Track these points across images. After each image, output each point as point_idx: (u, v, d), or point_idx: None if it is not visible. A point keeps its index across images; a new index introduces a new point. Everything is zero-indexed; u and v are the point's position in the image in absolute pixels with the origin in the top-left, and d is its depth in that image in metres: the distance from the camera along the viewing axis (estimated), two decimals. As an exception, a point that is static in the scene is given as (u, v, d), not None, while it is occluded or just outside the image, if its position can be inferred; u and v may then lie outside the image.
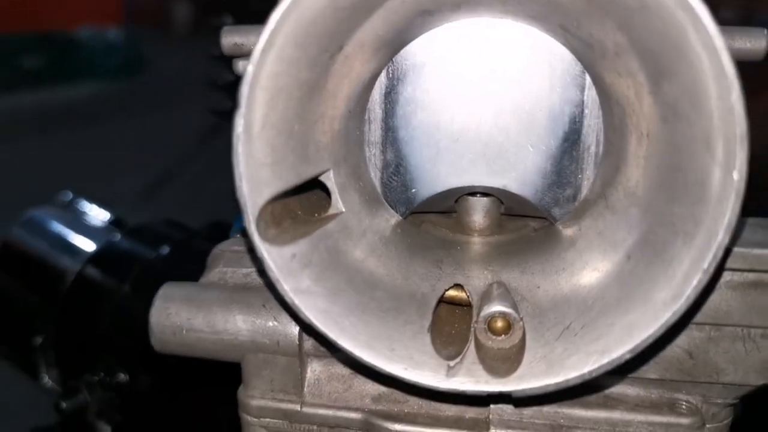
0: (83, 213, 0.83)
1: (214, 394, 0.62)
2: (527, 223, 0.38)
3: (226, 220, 0.78)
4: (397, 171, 0.36)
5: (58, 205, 0.86)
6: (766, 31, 0.32)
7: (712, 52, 0.23)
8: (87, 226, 0.78)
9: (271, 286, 0.29)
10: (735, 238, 0.27)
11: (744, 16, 6.38)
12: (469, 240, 0.38)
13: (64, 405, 0.56)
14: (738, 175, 0.24)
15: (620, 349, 0.27)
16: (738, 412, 0.35)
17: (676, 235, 0.26)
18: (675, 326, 0.26)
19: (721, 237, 0.25)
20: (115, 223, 0.80)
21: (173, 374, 0.61)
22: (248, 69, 0.26)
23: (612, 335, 0.27)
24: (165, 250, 0.66)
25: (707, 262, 0.25)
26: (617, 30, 0.27)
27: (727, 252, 0.29)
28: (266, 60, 0.26)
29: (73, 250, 0.73)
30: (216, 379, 0.58)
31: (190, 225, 0.74)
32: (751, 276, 0.30)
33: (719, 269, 0.27)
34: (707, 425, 0.33)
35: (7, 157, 4.34)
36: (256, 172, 0.28)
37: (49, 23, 6.12)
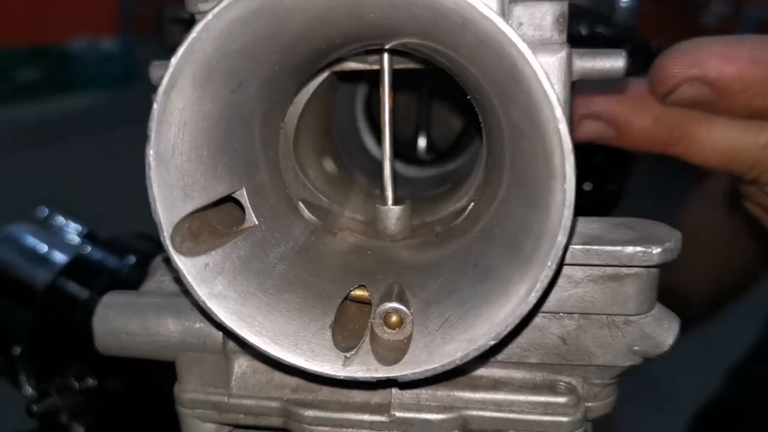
0: (58, 227, 0.87)
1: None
2: (434, 228, 0.42)
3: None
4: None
5: (34, 220, 0.90)
6: (623, 52, 0.36)
7: (538, 80, 0.28)
8: (60, 240, 0.82)
9: (186, 292, 0.33)
10: (572, 236, 0.31)
11: (733, 9, 6.41)
12: (382, 245, 0.42)
13: (35, 408, 0.61)
14: (569, 186, 0.28)
15: (485, 338, 0.31)
16: (620, 390, 0.39)
17: (529, 237, 0.31)
18: (528, 315, 0.30)
19: (560, 239, 0.29)
20: (88, 236, 0.85)
21: (142, 376, 0.65)
22: (154, 106, 0.30)
23: (479, 326, 0.32)
24: (131, 260, 0.70)
25: (551, 260, 0.29)
26: (469, 64, 0.31)
27: (588, 249, 0.33)
28: (169, 98, 0.30)
29: (45, 262, 0.77)
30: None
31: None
32: (609, 270, 0.34)
33: (560, 266, 0.31)
34: (590, 403, 0.37)
35: (3, 168, 4.39)
36: (169, 195, 0.32)
37: (44, 36, 6.16)
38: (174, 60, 0.30)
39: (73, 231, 0.85)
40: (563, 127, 0.28)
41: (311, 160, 0.45)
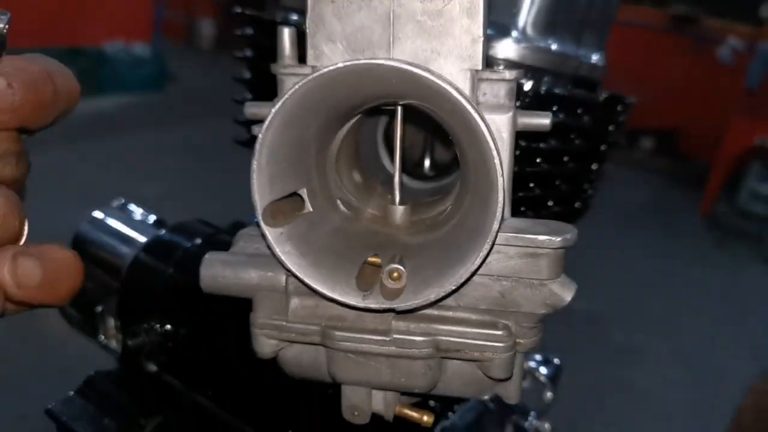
0: (133, 213, 1.09)
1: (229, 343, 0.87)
2: (426, 222, 0.63)
3: (242, 220, 1.04)
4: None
5: (112, 208, 1.11)
6: (550, 114, 0.56)
7: (484, 135, 0.48)
8: (138, 224, 1.04)
9: (270, 249, 0.54)
10: (501, 226, 0.52)
11: (747, 44, 6.56)
12: (391, 231, 0.63)
13: (129, 343, 0.81)
14: (500, 196, 0.49)
15: (449, 286, 0.52)
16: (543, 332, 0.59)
17: (479, 226, 0.51)
18: (471, 275, 0.51)
19: (495, 226, 0.50)
20: (158, 222, 1.06)
21: (204, 327, 0.86)
22: (258, 137, 0.51)
23: (447, 280, 0.52)
24: (198, 241, 0.91)
25: (489, 239, 0.50)
26: (449, 119, 0.52)
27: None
28: (267, 132, 0.51)
29: (128, 241, 0.99)
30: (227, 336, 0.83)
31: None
32: (529, 250, 0.54)
33: (493, 244, 0.51)
34: (520, 340, 0.58)
35: (40, 163, 4.64)
36: (261, 190, 0.53)
37: (80, 39, 6.43)
38: (273, 109, 0.51)
39: (145, 217, 1.07)
40: (497, 161, 0.48)
41: (345, 172, 0.66)
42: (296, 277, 0.54)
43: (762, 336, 4.03)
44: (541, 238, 0.53)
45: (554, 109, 0.78)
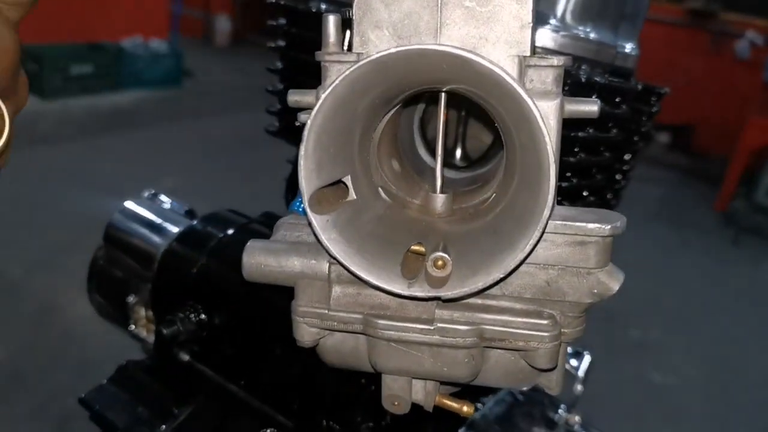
0: (164, 204, 1.09)
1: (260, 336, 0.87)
2: (467, 211, 0.63)
3: (273, 211, 1.04)
4: (389, 176, 0.61)
5: (143, 198, 1.12)
6: (598, 101, 0.56)
7: (536, 119, 0.48)
8: (169, 214, 1.04)
9: (315, 235, 0.54)
10: (551, 214, 0.51)
11: (766, 38, 6.48)
12: (431, 219, 0.62)
13: (164, 331, 0.82)
14: (551, 182, 0.48)
15: (497, 273, 0.51)
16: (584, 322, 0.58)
17: (527, 213, 0.51)
18: (520, 263, 0.51)
19: (546, 213, 0.49)
20: (189, 213, 1.07)
21: (238, 316, 0.86)
22: (307, 123, 0.51)
23: (494, 266, 0.52)
24: (231, 231, 0.92)
25: (539, 225, 0.50)
26: (498, 105, 0.51)
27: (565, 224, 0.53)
28: (315, 118, 0.51)
29: (161, 231, 0.99)
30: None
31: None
32: (578, 238, 0.54)
33: (543, 231, 0.51)
34: (565, 330, 0.57)
35: (59, 157, 4.68)
36: (309, 176, 0.53)
37: (99, 34, 6.47)
38: (323, 94, 0.50)
39: (176, 208, 1.07)
40: (550, 147, 0.48)
41: (385, 160, 0.66)
42: (342, 264, 0.54)
43: (780, 333, 3.99)
44: (591, 226, 0.53)
45: (593, 97, 0.78)
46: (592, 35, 0.79)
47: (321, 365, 0.66)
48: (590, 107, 0.56)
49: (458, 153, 0.87)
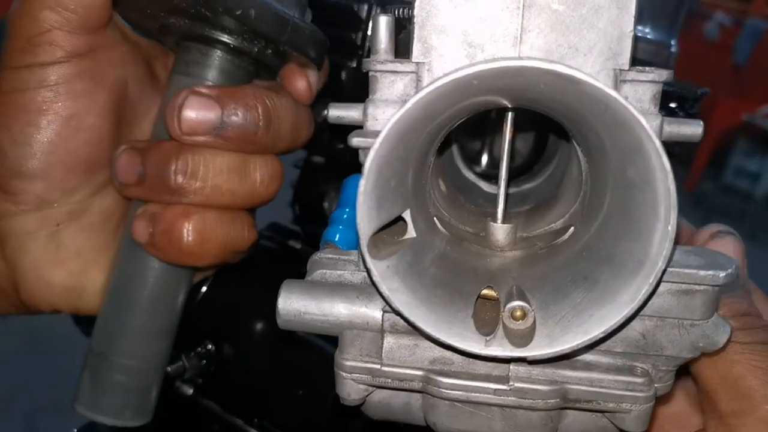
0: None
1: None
2: (535, 242, 0.54)
3: (280, 222, 0.94)
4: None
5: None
6: (701, 122, 0.48)
7: (658, 154, 0.39)
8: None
9: (374, 286, 0.45)
10: (668, 264, 0.43)
11: (736, 19, 6.52)
12: (494, 254, 0.54)
13: (169, 369, 0.72)
14: (671, 228, 0.40)
15: (596, 332, 0.43)
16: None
17: (632, 260, 0.43)
18: (629, 319, 0.42)
19: (660, 265, 0.41)
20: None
21: (248, 347, 0.77)
22: (370, 153, 0.42)
23: (591, 323, 0.43)
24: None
25: (652, 279, 0.41)
26: (601, 133, 0.43)
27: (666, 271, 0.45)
28: (380, 150, 0.42)
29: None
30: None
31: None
32: (683, 286, 0.46)
33: (658, 284, 0.43)
34: (656, 384, 0.49)
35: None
36: (369, 215, 0.43)
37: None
38: (392, 120, 0.41)
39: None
40: (672, 186, 0.39)
41: (435, 182, 0.57)
42: (407, 320, 0.45)
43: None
44: (702, 273, 0.45)
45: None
46: (650, 35, 0.71)
47: (349, 409, 0.57)
48: (694, 129, 0.47)
49: (484, 160, 0.78)
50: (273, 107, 0.62)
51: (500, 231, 0.54)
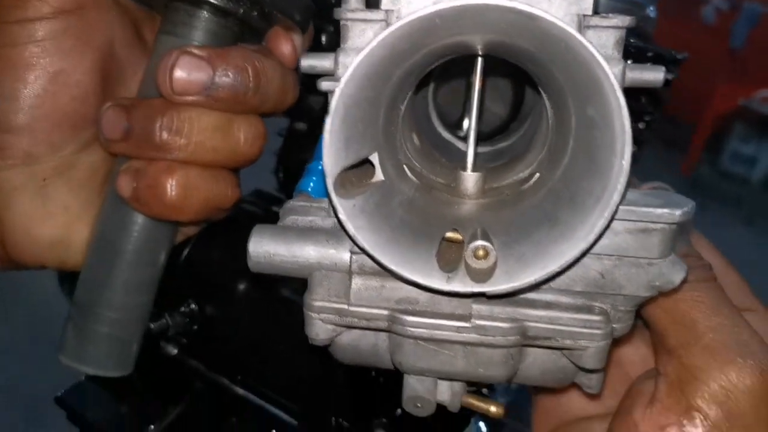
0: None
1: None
2: (504, 191, 0.56)
3: (264, 188, 0.96)
4: (415, 152, 0.53)
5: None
6: (663, 68, 0.49)
7: (614, 92, 0.41)
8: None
9: (341, 224, 0.47)
10: (623, 200, 0.44)
11: (733, 3, 6.51)
12: (462, 201, 0.55)
13: (152, 326, 0.74)
14: (626, 163, 0.42)
15: (553, 267, 0.45)
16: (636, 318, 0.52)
17: (590, 197, 0.44)
18: (584, 253, 0.44)
19: (615, 198, 0.42)
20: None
21: (230, 310, 0.78)
22: (336, 92, 0.43)
23: (549, 259, 0.45)
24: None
25: (607, 213, 0.43)
26: (559, 74, 0.44)
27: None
28: (346, 88, 0.43)
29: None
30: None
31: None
32: (640, 224, 0.47)
33: (613, 218, 0.44)
34: (616, 325, 0.51)
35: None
36: (335, 155, 0.45)
37: None
38: (357, 58, 0.42)
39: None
40: (627, 121, 0.41)
41: (408, 134, 0.58)
42: (371, 257, 0.47)
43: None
44: (658, 211, 0.46)
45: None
46: (624, -4, 0.72)
47: (329, 359, 0.59)
48: (655, 75, 0.49)
49: (462, 122, 0.80)
50: (262, 69, 0.63)
51: (469, 179, 0.55)
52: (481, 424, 0.92)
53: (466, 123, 0.79)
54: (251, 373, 0.81)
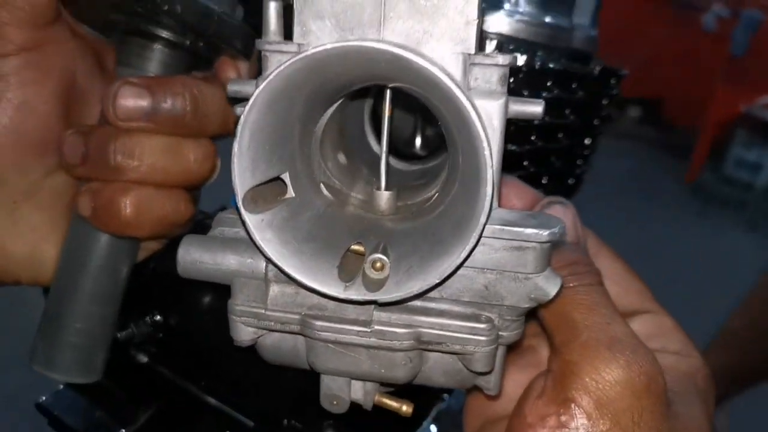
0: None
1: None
2: (411, 209, 0.61)
3: (227, 205, 1.02)
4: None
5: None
6: (543, 102, 0.54)
7: (474, 123, 0.46)
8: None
9: (249, 236, 0.53)
10: (488, 219, 0.50)
11: (732, 11, 6.51)
12: (375, 218, 0.61)
13: (119, 335, 0.80)
14: (488, 188, 0.47)
15: (432, 280, 0.50)
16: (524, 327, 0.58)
17: (465, 219, 0.50)
18: (456, 269, 0.50)
19: (482, 219, 0.48)
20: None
21: (193, 315, 0.85)
22: (241, 118, 0.49)
23: (430, 272, 0.51)
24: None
25: (476, 233, 0.49)
26: (441, 106, 0.50)
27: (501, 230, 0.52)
28: (250, 114, 0.49)
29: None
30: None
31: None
32: (515, 243, 0.53)
33: (480, 237, 0.50)
34: (503, 333, 0.57)
35: None
36: (242, 174, 0.51)
37: None
38: (257, 89, 0.48)
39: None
40: (488, 153, 0.47)
41: (330, 154, 0.64)
42: (276, 266, 0.53)
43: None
44: (528, 231, 0.52)
45: (549, 84, 0.76)
46: (547, 19, 0.77)
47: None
48: (534, 108, 0.54)
49: (417, 142, 0.85)
50: (200, 94, 0.70)
51: (382, 197, 0.61)
52: (432, 427, 0.97)
53: (419, 141, 0.86)
54: (213, 378, 0.86)
